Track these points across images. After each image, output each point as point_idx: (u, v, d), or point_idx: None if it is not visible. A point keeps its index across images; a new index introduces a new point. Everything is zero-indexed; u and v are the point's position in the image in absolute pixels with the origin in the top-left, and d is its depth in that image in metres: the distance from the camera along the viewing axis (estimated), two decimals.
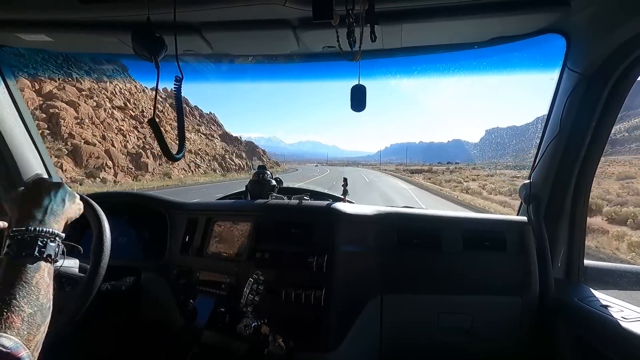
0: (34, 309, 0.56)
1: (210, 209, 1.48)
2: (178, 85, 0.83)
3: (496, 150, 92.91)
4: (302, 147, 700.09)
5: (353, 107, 0.96)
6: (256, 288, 1.07)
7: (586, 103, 1.11)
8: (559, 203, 1.26)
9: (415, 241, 1.31)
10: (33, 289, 0.58)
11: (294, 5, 0.92)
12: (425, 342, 1.30)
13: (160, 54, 0.84)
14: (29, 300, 0.56)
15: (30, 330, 0.54)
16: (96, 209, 0.97)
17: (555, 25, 1.06)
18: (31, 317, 0.55)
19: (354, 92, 0.95)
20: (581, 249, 1.28)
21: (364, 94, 0.96)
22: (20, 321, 0.54)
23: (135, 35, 0.82)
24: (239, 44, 1.26)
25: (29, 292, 0.57)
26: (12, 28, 1.14)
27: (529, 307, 1.23)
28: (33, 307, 0.56)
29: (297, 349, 1.07)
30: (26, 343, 0.53)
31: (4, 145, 1.47)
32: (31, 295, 0.57)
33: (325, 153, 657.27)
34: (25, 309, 0.55)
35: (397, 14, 1.00)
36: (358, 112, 0.97)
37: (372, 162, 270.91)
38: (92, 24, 1.11)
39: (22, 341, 0.52)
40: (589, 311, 1.06)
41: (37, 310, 0.57)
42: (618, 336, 0.94)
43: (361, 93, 0.95)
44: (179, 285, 1.36)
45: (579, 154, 1.18)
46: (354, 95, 0.96)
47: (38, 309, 0.57)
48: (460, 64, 1.35)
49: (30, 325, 0.55)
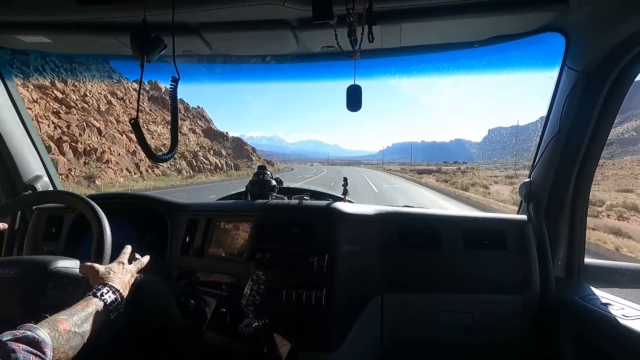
0: (79, 330, 0.67)
1: (211, 209, 1.48)
2: (174, 85, 0.83)
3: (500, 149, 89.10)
4: (304, 147, 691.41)
5: (349, 106, 0.97)
6: (257, 288, 1.07)
7: (586, 101, 1.11)
8: (559, 201, 1.26)
9: (415, 240, 1.31)
10: (89, 317, 0.71)
11: (293, 6, 0.92)
12: (427, 341, 1.30)
13: (156, 55, 0.85)
14: (81, 323, 0.68)
15: (64, 344, 0.63)
16: (97, 211, 0.97)
17: (554, 23, 1.06)
18: (73, 335, 0.65)
19: (350, 92, 0.96)
20: (581, 247, 1.28)
21: (359, 94, 0.96)
22: (64, 331, 0.64)
23: (133, 36, 0.83)
24: (238, 45, 1.26)
25: (85, 317, 0.70)
26: (12, 30, 1.14)
27: (530, 306, 1.23)
28: (80, 328, 0.68)
29: (298, 348, 1.07)
30: (54, 350, 0.59)
31: (4, 147, 1.47)
32: (85, 321, 0.70)
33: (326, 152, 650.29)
34: (75, 327, 0.66)
35: (397, 14, 1.00)
36: (355, 112, 0.98)
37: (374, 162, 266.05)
38: (91, 26, 1.11)
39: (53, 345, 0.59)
40: (589, 309, 1.06)
41: (80, 333, 0.67)
42: (619, 334, 0.94)
43: (357, 93, 0.96)
44: (179, 286, 1.36)
45: (579, 152, 1.18)
46: (350, 95, 0.96)
47: (81, 333, 0.68)
48: (459, 63, 1.35)
49: (68, 340, 0.64)
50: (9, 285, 0.89)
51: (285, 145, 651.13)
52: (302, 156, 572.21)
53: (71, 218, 1.50)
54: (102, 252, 0.90)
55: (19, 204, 1.31)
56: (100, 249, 0.91)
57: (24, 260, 0.97)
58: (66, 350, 0.63)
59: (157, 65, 1.32)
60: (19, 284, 0.89)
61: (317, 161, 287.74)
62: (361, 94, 0.96)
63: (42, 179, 1.60)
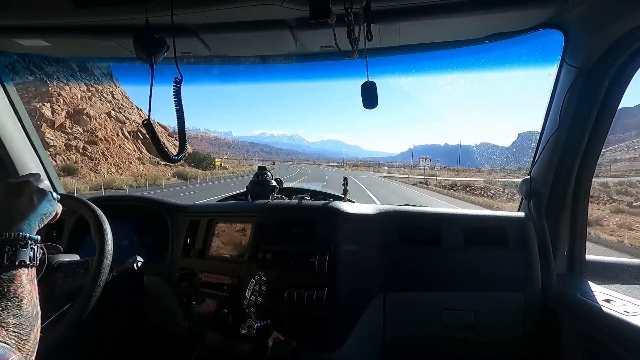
0: (18, 320, 0.54)
1: (212, 210, 1.48)
2: (178, 87, 0.84)
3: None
4: (324, 146, 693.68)
5: (365, 104, 0.96)
6: (258, 289, 1.07)
7: (585, 97, 1.11)
8: (560, 198, 1.26)
9: (417, 239, 1.31)
10: (13, 299, 0.55)
11: (291, 6, 0.92)
12: (429, 339, 1.30)
13: (161, 56, 0.85)
14: (10, 311, 0.54)
15: (20, 339, 0.53)
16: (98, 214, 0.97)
17: (553, 20, 1.06)
18: (17, 327, 0.54)
19: (364, 90, 0.95)
20: (582, 243, 1.28)
21: (374, 91, 0.95)
22: (5, 332, 0.52)
23: (137, 37, 0.83)
24: (237, 46, 1.26)
25: (8, 304, 0.55)
26: (10, 33, 1.14)
27: (532, 302, 1.23)
28: (17, 317, 0.54)
29: (301, 349, 1.07)
30: (18, 350, 0.51)
31: (4, 150, 1.47)
32: (11, 306, 0.55)
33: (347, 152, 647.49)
34: (9, 321, 0.53)
35: (395, 12, 1.00)
36: (371, 109, 0.96)
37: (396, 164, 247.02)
38: (88, 28, 1.11)
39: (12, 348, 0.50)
40: (591, 305, 1.06)
41: (22, 320, 0.55)
42: (621, 330, 0.94)
43: (371, 90, 0.95)
44: (181, 287, 1.36)
45: (579, 148, 1.18)
46: (364, 92, 0.96)
47: (23, 318, 0.55)
48: (457, 60, 1.35)
49: (18, 334, 0.53)
50: None
51: (306, 145, 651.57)
52: (321, 155, 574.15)
53: (72, 221, 1.50)
54: (103, 255, 0.90)
55: None
56: (101, 252, 0.91)
57: None
58: (25, 340, 0.54)
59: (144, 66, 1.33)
60: None
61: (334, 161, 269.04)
62: (376, 91, 0.96)
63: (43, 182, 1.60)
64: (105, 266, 0.90)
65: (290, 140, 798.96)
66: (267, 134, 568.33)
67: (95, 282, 0.87)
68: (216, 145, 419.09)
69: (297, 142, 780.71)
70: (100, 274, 0.88)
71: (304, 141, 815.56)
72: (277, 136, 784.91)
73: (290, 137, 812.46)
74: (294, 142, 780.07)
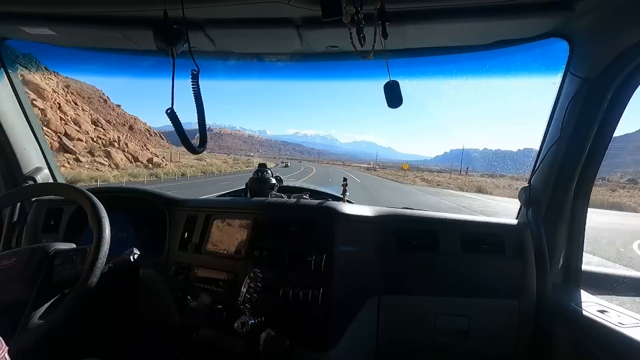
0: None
1: (210, 206, 1.48)
2: (195, 80, 0.85)
3: (605, 164, 64.11)
4: (357, 147, 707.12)
5: (389, 104, 0.97)
6: (254, 286, 1.07)
7: (588, 108, 1.11)
8: (559, 207, 1.26)
9: (414, 242, 1.31)
10: None
11: (298, 4, 0.92)
12: (422, 343, 1.30)
13: (180, 47, 0.87)
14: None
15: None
16: (96, 204, 0.97)
17: (559, 29, 1.06)
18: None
19: (387, 89, 0.96)
20: (579, 254, 1.28)
21: (397, 90, 0.96)
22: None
23: (157, 29, 0.85)
24: (242, 42, 1.26)
25: None
26: (15, 21, 1.14)
27: (526, 311, 1.23)
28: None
29: (294, 347, 1.07)
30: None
31: (5, 138, 1.47)
32: None
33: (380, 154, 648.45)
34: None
35: (402, 15, 1.00)
36: (395, 109, 0.98)
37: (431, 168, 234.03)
38: (95, 19, 1.11)
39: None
40: (586, 316, 1.06)
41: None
42: (615, 341, 0.94)
43: (394, 89, 0.96)
44: (176, 281, 1.36)
45: (580, 159, 1.17)
46: (387, 92, 0.96)
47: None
48: (462, 66, 1.35)
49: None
50: (13, 272, 0.89)
51: (338, 145, 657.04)
52: (354, 157, 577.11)
53: (70, 210, 1.50)
54: (101, 243, 0.90)
55: (19, 195, 1.31)
56: (99, 240, 0.91)
57: (22, 250, 0.97)
58: None
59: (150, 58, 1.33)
60: (23, 268, 0.90)
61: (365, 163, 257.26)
62: (399, 90, 0.96)
63: (43, 171, 1.60)
64: (102, 253, 0.90)
65: (323, 140, 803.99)
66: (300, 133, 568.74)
67: (92, 269, 0.87)
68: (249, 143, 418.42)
69: (330, 143, 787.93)
70: (98, 260, 0.88)
71: (336, 141, 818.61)
72: (310, 136, 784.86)
73: (323, 137, 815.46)
74: (326, 142, 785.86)
